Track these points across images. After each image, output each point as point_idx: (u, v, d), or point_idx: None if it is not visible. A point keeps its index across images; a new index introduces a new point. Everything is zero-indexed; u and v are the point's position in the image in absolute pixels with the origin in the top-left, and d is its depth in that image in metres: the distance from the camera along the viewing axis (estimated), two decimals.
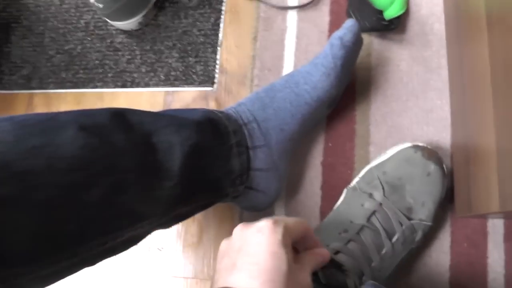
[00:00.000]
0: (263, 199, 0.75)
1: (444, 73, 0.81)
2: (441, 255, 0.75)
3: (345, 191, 0.74)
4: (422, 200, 0.69)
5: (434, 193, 0.69)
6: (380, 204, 0.67)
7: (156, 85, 0.91)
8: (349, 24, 0.71)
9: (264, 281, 0.46)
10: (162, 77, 0.91)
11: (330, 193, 0.80)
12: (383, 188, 0.69)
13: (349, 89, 0.82)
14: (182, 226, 0.85)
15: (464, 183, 0.69)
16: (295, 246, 0.55)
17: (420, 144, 0.71)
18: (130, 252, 0.63)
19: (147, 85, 0.91)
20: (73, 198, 0.50)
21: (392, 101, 0.82)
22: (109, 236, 0.56)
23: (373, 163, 0.73)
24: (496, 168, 0.56)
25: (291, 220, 0.53)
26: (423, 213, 0.68)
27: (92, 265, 0.58)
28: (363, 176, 0.73)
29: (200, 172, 0.65)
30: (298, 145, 0.80)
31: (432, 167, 0.69)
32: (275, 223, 0.50)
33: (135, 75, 0.92)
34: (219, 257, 0.53)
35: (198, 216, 0.83)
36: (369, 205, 0.68)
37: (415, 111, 0.81)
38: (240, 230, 0.52)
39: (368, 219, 0.67)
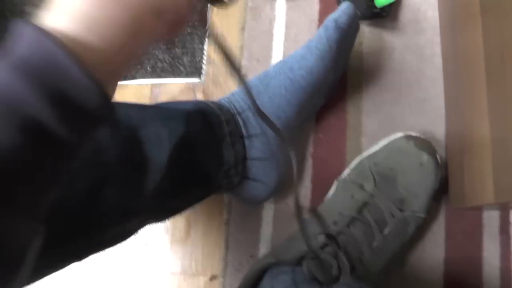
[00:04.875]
0: (262, 189, 0.73)
1: (438, 61, 0.79)
2: (435, 248, 0.73)
3: (335, 183, 0.72)
4: (415, 191, 0.66)
5: (427, 184, 0.67)
6: (371, 195, 0.65)
7: (143, 77, 0.89)
8: (344, 6, 0.68)
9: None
10: (148, 69, 0.89)
11: (320, 186, 0.78)
12: (374, 179, 0.66)
13: (341, 78, 0.79)
14: (169, 220, 0.83)
15: (458, 174, 0.67)
16: None
17: (413, 134, 0.69)
18: (115, 247, 0.61)
19: (133, 77, 0.89)
20: None
21: (385, 91, 0.80)
22: (94, 232, 0.54)
23: (365, 154, 0.71)
24: (491, 158, 0.54)
25: None
26: (416, 205, 0.66)
27: (78, 260, 0.57)
28: (354, 168, 0.71)
29: (190, 164, 0.63)
30: (295, 134, 0.78)
31: (425, 157, 0.66)
32: None
33: None
34: None
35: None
36: (359, 196, 0.66)
37: (409, 101, 0.78)
38: None
39: (359, 211, 0.65)
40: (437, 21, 0.80)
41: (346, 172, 0.72)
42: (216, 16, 0.89)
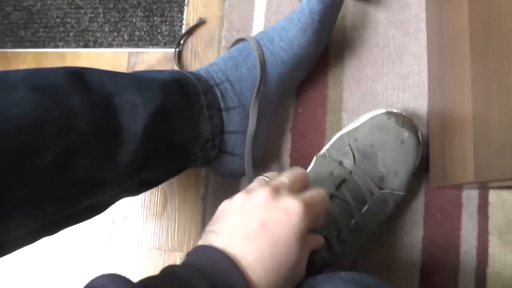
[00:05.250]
0: (239, 163, 0.71)
1: (423, 37, 0.77)
2: (414, 226, 0.72)
3: (314, 158, 0.70)
4: (395, 169, 0.65)
5: (407, 161, 0.66)
6: (350, 172, 0.64)
7: (120, 45, 0.86)
8: None
9: (269, 268, 0.44)
10: (126, 37, 0.86)
11: (299, 161, 0.77)
12: (353, 156, 0.65)
13: (322, 52, 0.77)
14: (146, 194, 0.82)
15: (439, 152, 0.66)
16: None
17: (395, 110, 0.68)
18: (92, 221, 0.59)
19: (110, 45, 0.86)
20: (22, 162, 0.47)
21: (367, 66, 0.78)
22: (65, 203, 0.52)
23: (345, 129, 0.70)
24: (472, 137, 0.53)
25: (318, 202, 0.50)
26: (395, 183, 0.65)
27: (50, 234, 0.55)
28: (334, 143, 0.69)
29: (166, 135, 0.61)
30: (275, 108, 0.76)
31: (406, 134, 0.65)
32: (306, 211, 0.47)
33: (98, 34, 0.87)
34: (229, 209, 0.49)
35: (163, 184, 0.80)
36: (338, 173, 0.64)
37: (391, 77, 0.77)
38: (266, 198, 0.47)
39: (337, 188, 0.64)
40: None
41: (325, 148, 0.70)
42: None
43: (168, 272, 0.42)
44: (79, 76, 0.55)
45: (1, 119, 0.46)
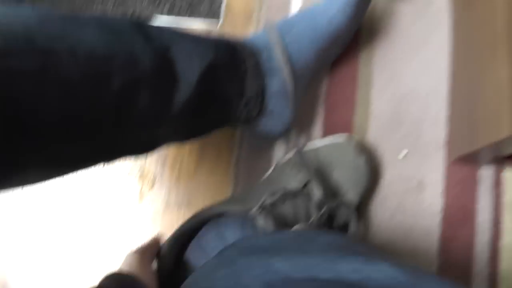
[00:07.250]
0: (278, 124, 0.76)
1: (445, 29, 0.85)
2: (435, 196, 0.79)
3: (273, 166, 0.77)
4: (347, 187, 0.72)
5: (359, 184, 0.73)
6: (309, 179, 0.69)
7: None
8: None
9: None
10: (165, 11, 0.90)
11: (331, 132, 0.83)
12: (311, 169, 0.71)
13: (355, 33, 0.84)
14: (178, 155, 0.85)
15: (463, 124, 0.72)
16: None
17: (356, 136, 0.78)
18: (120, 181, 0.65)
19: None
20: (95, 83, 0.51)
21: (394, 50, 0.85)
22: (125, 130, 0.56)
23: (305, 148, 0.76)
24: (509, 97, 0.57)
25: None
26: (348, 198, 0.72)
27: (108, 160, 0.59)
28: (293, 157, 0.75)
29: (215, 87, 0.66)
30: (310, 81, 0.81)
31: (363, 159, 0.73)
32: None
33: (138, 6, 0.91)
34: None
35: (195, 146, 0.84)
36: (302, 176, 0.70)
37: (416, 60, 0.84)
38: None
39: (304, 186, 0.69)
40: None
41: (284, 159, 0.76)
42: None
43: None
44: (140, 26, 0.59)
45: (76, 45, 0.50)
